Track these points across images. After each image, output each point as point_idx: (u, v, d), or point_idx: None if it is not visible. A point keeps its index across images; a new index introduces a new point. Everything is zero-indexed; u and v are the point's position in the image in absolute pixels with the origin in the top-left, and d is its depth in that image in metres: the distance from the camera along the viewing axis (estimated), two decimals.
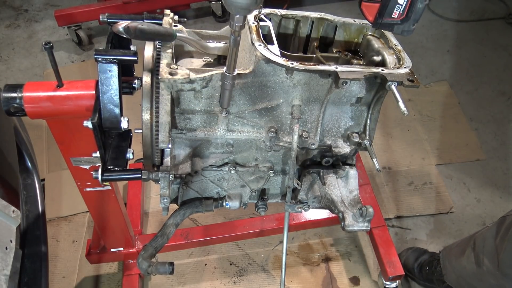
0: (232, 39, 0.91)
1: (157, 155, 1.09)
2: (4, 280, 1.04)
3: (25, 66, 3.03)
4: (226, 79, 1.00)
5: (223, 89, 1.03)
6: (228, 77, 0.99)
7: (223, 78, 1.00)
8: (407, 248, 2.04)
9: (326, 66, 1.07)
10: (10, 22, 3.39)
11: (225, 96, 1.04)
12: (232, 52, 0.94)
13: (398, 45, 1.19)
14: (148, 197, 2.25)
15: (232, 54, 0.95)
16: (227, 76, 0.99)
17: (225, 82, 1.00)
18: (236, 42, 0.91)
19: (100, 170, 1.07)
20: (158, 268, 1.17)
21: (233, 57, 0.95)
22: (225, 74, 0.99)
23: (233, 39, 0.91)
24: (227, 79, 0.99)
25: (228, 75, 0.99)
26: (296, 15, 1.27)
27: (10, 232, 1.13)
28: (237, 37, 0.90)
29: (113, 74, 0.99)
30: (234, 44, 0.92)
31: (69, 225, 2.15)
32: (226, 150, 1.21)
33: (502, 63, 3.05)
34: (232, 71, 0.98)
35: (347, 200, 1.26)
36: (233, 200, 1.33)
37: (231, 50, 0.93)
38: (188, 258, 2.03)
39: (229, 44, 0.92)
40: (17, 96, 1.03)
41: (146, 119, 1.02)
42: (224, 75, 0.99)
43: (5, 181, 1.27)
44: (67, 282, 1.95)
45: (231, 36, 0.90)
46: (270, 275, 1.99)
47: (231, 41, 0.91)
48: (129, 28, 0.95)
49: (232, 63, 0.96)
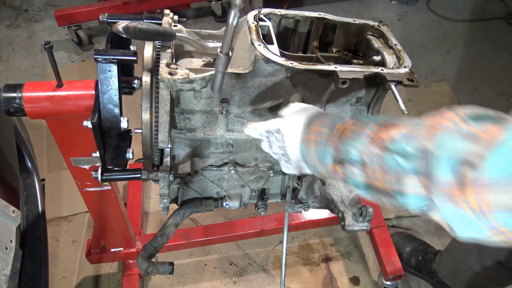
0: (231, 15, 0.82)
1: (156, 155, 1.09)
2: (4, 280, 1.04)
3: (25, 66, 3.03)
4: (219, 60, 0.90)
5: (216, 71, 0.94)
6: (221, 58, 0.90)
7: (216, 59, 0.91)
8: (398, 232, 2.06)
9: (326, 66, 1.07)
10: (10, 22, 3.39)
11: (216, 79, 0.94)
12: (229, 30, 0.84)
13: (398, 45, 1.19)
14: (148, 197, 2.25)
15: (229, 32, 0.85)
16: (221, 57, 0.90)
17: (218, 63, 0.91)
18: (235, 17, 0.82)
19: (100, 170, 1.07)
20: (158, 268, 1.17)
21: (229, 36, 0.86)
22: (219, 54, 0.90)
23: (232, 15, 0.82)
24: (220, 60, 0.90)
25: (221, 55, 0.89)
26: (296, 14, 1.27)
27: (10, 232, 1.13)
28: (236, 13, 0.82)
29: (113, 74, 0.99)
30: (232, 20, 0.83)
31: (69, 225, 2.15)
32: (226, 150, 1.21)
33: (502, 63, 3.05)
34: (226, 52, 0.89)
35: (347, 200, 1.26)
36: (233, 200, 1.33)
37: (228, 28, 0.85)
38: (188, 258, 2.03)
39: (227, 21, 0.84)
40: (17, 96, 1.03)
41: (145, 119, 1.02)
42: (218, 55, 0.90)
43: (5, 181, 1.27)
44: (67, 282, 1.95)
45: (231, 11, 0.82)
46: (270, 275, 1.99)
47: (229, 17, 0.83)
48: (128, 28, 0.95)
49: (228, 42, 0.87)
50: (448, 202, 0.55)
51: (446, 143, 0.55)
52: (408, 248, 1.95)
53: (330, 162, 0.74)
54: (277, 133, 0.89)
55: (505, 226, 0.52)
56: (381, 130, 0.66)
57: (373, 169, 0.65)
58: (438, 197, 0.57)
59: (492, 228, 0.53)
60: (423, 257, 1.88)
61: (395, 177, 0.62)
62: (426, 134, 0.58)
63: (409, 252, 1.93)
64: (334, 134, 0.74)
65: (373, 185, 0.67)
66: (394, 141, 0.63)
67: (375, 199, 0.69)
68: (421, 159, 0.58)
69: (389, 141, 0.63)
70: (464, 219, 0.54)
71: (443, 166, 0.55)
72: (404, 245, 1.96)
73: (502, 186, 0.49)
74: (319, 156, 0.77)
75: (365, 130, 0.68)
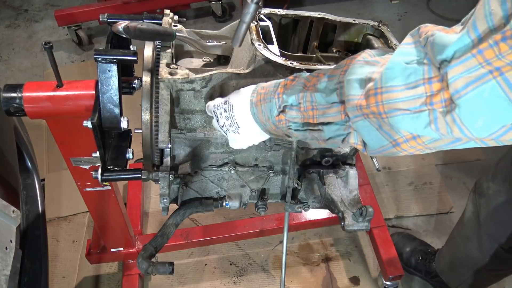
0: None
1: (156, 155, 1.09)
2: (4, 280, 1.04)
3: (25, 66, 3.03)
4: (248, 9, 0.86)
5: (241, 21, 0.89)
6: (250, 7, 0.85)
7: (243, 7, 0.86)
8: (398, 232, 2.06)
9: (326, 66, 1.07)
10: (10, 22, 3.39)
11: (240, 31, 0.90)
12: None
13: (398, 45, 1.19)
14: (148, 197, 2.25)
15: None
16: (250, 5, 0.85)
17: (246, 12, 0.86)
18: None
19: (100, 170, 1.07)
20: (158, 268, 1.17)
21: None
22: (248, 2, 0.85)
23: None
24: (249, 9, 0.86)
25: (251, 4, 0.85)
26: (296, 15, 1.27)
27: (10, 232, 1.13)
28: None
29: (113, 74, 0.99)
30: None
31: (69, 225, 2.15)
32: (226, 150, 1.21)
33: None
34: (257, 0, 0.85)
35: (347, 200, 1.26)
36: (233, 200, 1.33)
37: None
38: (188, 258, 2.03)
39: None
40: (16, 96, 1.03)
41: (145, 119, 1.02)
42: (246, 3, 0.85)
43: (5, 181, 1.27)
44: (67, 282, 1.95)
45: None
46: (270, 275, 1.99)
47: None
48: (128, 28, 0.95)
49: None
50: (358, 113, 0.69)
51: (356, 70, 0.71)
52: (408, 248, 1.95)
53: (276, 114, 0.85)
54: (225, 104, 0.95)
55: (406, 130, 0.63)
56: (312, 77, 0.81)
57: (305, 107, 0.79)
58: (351, 113, 0.71)
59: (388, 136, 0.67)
60: (423, 257, 1.89)
61: (322, 111, 0.77)
62: (343, 70, 0.74)
63: (409, 252, 1.94)
64: (279, 90, 0.86)
65: (308, 123, 0.81)
66: (321, 81, 0.78)
67: (311, 137, 0.83)
68: (339, 89, 0.74)
69: (318, 83, 0.78)
70: (371, 130, 0.69)
71: (354, 86, 0.70)
72: (404, 245, 1.96)
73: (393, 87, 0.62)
74: (267, 112, 0.87)
75: (301, 80, 0.83)
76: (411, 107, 0.60)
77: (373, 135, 0.69)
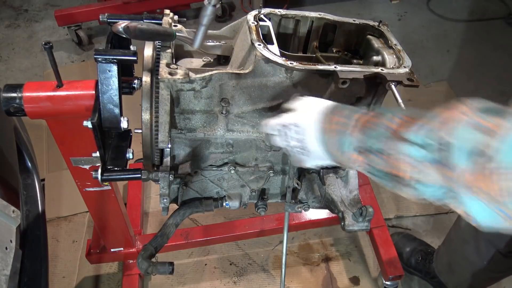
0: None
1: (156, 155, 1.09)
2: (4, 280, 1.04)
3: (25, 66, 3.03)
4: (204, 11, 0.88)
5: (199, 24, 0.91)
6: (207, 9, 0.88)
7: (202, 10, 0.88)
8: (398, 232, 2.06)
9: (326, 66, 1.07)
10: (10, 22, 3.39)
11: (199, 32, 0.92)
12: None
13: (398, 45, 1.19)
14: (148, 197, 2.25)
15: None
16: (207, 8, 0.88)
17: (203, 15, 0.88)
18: None
19: (100, 170, 1.07)
20: (158, 268, 1.17)
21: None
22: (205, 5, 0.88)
23: None
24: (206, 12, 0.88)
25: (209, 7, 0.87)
26: (296, 15, 1.27)
27: (10, 232, 1.13)
28: None
29: (113, 74, 0.99)
30: None
31: (69, 225, 2.15)
32: (226, 150, 1.21)
33: (502, 63, 3.05)
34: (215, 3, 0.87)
35: (347, 200, 1.26)
36: (233, 200, 1.33)
37: None
38: (188, 258, 2.03)
39: None
40: (17, 96, 1.03)
41: (145, 119, 1.02)
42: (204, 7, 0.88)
43: (5, 181, 1.27)
44: (67, 282, 1.95)
45: None
46: (270, 275, 1.99)
47: None
48: (128, 28, 0.95)
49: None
50: (466, 190, 0.60)
51: (463, 135, 0.61)
52: (408, 248, 1.95)
53: (350, 151, 0.78)
54: (295, 127, 0.90)
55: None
56: (400, 122, 0.72)
57: (394, 158, 0.70)
58: (457, 186, 0.62)
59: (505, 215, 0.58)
60: (423, 257, 1.89)
61: (415, 167, 0.67)
62: (444, 127, 0.64)
63: (409, 252, 1.94)
64: (355, 124, 0.78)
65: (393, 174, 0.71)
66: (414, 132, 0.67)
67: (394, 187, 0.73)
68: (440, 150, 0.63)
69: (409, 132, 0.68)
70: (482, 207, 0.60)
71: (462, 156, 0.60)
72: (404, 245, 1.96)
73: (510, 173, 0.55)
74: (339, 145, 0.80)
75: (385, 122, 0.73)
76: None
77: (484, 212, 0.61)
